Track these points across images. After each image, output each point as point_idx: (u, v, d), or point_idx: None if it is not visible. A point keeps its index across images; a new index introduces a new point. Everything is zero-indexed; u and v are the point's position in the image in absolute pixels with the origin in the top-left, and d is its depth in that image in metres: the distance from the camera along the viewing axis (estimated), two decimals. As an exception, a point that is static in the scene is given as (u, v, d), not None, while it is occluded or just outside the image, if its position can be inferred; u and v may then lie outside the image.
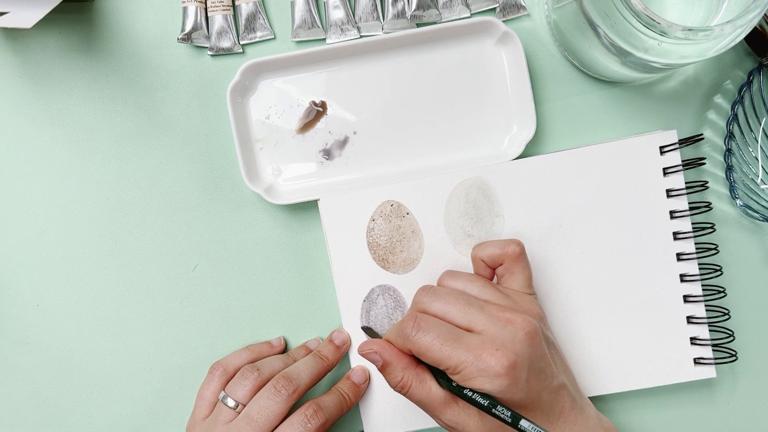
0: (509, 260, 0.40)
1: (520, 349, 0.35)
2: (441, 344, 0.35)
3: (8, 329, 0.47)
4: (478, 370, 0.34)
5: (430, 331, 0.36)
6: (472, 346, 0.35)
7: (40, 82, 0.46)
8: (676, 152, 0.44)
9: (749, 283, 0.47)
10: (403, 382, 0.37)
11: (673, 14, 0.40)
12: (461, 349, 0.35)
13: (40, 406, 0.47)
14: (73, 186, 0.46)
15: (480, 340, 0.35)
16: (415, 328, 0.36)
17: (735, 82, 0.46)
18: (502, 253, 0.40)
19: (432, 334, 0.36)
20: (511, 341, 0.35)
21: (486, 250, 0.41)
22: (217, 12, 0.45)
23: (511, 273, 0.40)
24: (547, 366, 0.37)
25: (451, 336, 0.36)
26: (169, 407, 0.47)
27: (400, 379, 0.37)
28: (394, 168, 0.46)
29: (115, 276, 0.47)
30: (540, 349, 0.36)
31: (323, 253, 0.47)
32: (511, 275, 0.40)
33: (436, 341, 0.35)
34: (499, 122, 0.45)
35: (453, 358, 0.35)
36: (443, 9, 0.45)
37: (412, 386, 0.37)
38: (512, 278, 0.40)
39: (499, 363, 0.34)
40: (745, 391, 0.48)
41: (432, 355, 0.35)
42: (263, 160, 0.46)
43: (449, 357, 0.35)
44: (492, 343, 0.35)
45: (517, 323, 0.36)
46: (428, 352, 0.36)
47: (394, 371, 0.37)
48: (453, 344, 0.35)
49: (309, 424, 0.39)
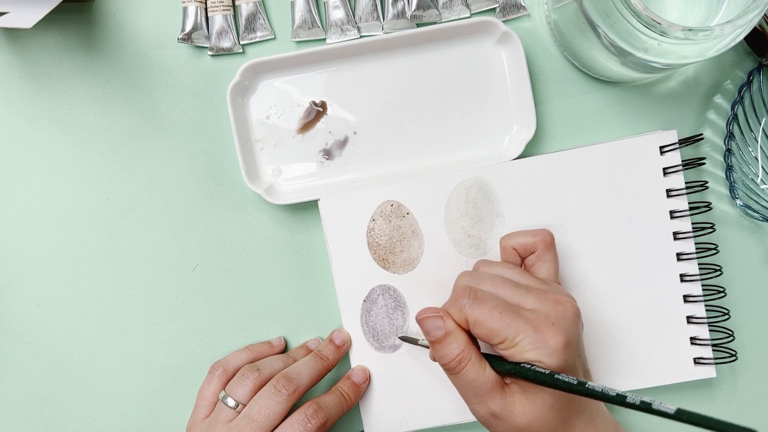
0: (542, 248, 0.40)
1: (572, 328, 0.35)
2: (500, 313, 0.35)
3: (8, 329, 0.47)
4: (536, 342, 0.34)
5: (487, 301, 0.36)
6: (530, 319, 0.35)
7: (40, 82, 0.46)
8: (676, 152, 0.44)
9: (749, 283, 0.47)
10: (462, 356, 0.36)
11: (673, 14, 0.40)
12: (520, 320, 0.35)
13: (40, 406, 0.47)
14: (73, 186, 0.46)
15: (535, 315, 0.35)
16: (472, 298, 0.36)
17: (735, 82, 0.46)
18: (534, 241, 0.40)
19: (490, 304, 0.36)
20: (563, 319, 0.35)
21: (518, 239, 0.41)
22: (217, 12, 0.45)
23: (543, 261, 0.40)
24: (583, 350, 0.38)
25: (508, 307, 0.36)
26: (169, 407, 0.47)
27: (459, 353, 0.36)
28: (394, 168, 0.46)
29: (115, 276, 0.47)
30: (581, 332, 0.37)
31: (323, 253, 0.47)
32: (542, 263, 0.40)
33: (495, 310, 0.35)
34: (499, 122, 0.46)
35: (512, 328, 0.35)
36: (443, 9, 0.45)
37: (470, 362, 0.36)
38: (543, 266, 0.40)
39: (556, 338, 0.34)
40: (745, 391, 0.48)
41: (491, 324, 0.35)
42: (263, 160, 0.46)
43: (508, 327, 0.35)
44: (547, 318, 0.35)
45: (565, 304, 0.36)
46: (487, 321, 0.35)
47: (455, 342, 0.36)
48: (512, 315, 0.35)
49: (309, 424, 0.39)
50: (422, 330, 0.38)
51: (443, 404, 0.45)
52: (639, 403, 0.29)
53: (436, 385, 0.44)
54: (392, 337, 0.45)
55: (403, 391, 0.45)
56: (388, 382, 0.45)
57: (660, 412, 0.28)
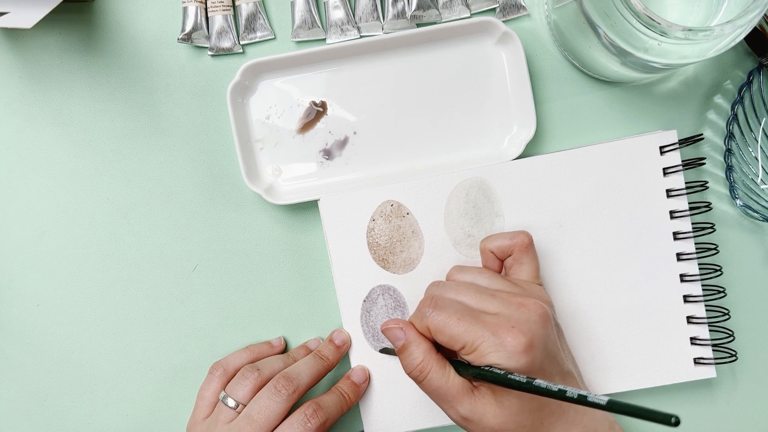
0: (518, 250, 0.41)
1: (535, 329, 0.35)
2: (458, 319, 0.36)
3: (8, 329, 0.47)
4: (495, 345, 0.34)
5: (447, 308, 0.37)
6: (489, 323, 0.35)
7: (40, 82, 0.46)
8: (676, 152, 0.44)
9: (749, 283, 0.47)
10: (423, 364, 0.37)
11: (673, 14, 0.40)
12: (478, 325, 0.35)
13: (40, 406, 0.47)
14: (73, 186, 0.46)
15: (496, 319, 0.36)
16: (432, 306, 0.37)
17: (735, 82, 0.46)
18: (511, 244, 0.41)
19: (449, 310, 0.36)
20: (525, 321, 0.35)
21: (495, 242, 0.41)
22: (217, 12, 0.45)
23: (520, 263, 0.41)
24: (558, 352, 0.37)
25: (467, 313, 0.36)
26: (169, 407, 0.47)
27: (420, 361, 0.37)
28: (394, 168, 0.46)
29: (115, 276, 0.47)
30: (552, 333, 0.37)
31: (323, 253, 0.47)
32: (519, 266, 0.41)
33: (453, 316, 0.36)
34: (499, 122, 0.46)
35: (470, 333, 0.35)
36: (443, 9, 0.45)
37: (431, 371, 0.37)
38: (521, 269, 0.41)
39: (516, 340, 0.34)
40: (745, 391, 0.48)
41: (449, 330, 0.36)
42: (263, 160, 0.46)
43: (466, 332, 0.35)
44: (507, 322, 0.35)
45: (530, 306, 0.36)
46: (445, 328, 0.36)
47: (416, 352, 0.37)
48: (470, 320, 0.35)
49: (309, 424, 0.39)
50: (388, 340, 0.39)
51: (443, 404, 0.45)
52: (576, 396, 0.31)
53: (436, 385, 0.44)
54: (392, 337, 0.45)
55: (403, 391, 0.45)
56: (388, 382, 0.45)
57: (594, 404, 0.30)
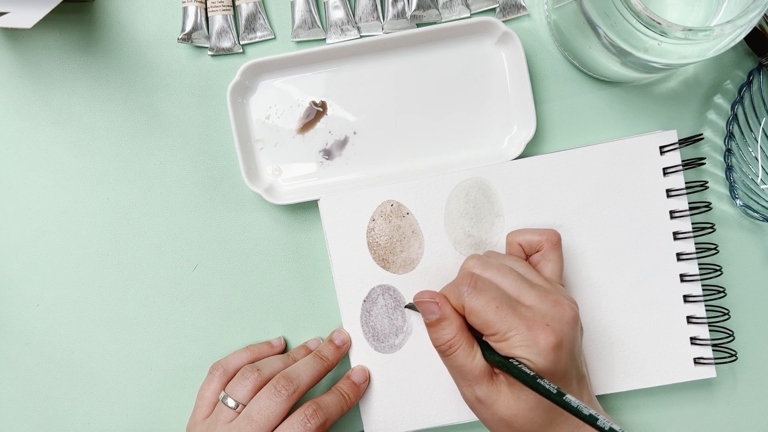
0: (548, 247, 0.40)
1: (567, 331, 0.35)
2: (497, 307, 0.35)
3: (8, 329, 0.47)
4: (527, 340, 0.34)
5: (486, 292, 0.36)
6: (525, 317, 0.35)
7: (40, 82, 0.46)
8: (676, 152, 0.44)
9: (749, 283, 0.47)
10: (453, 340, 0.37)
11: (673, 14, 0.40)
12: (515, 316, 0.35)
13: (40, 406, 0.47)
14: (73, 186, 0.46)
15: (531, 313, 0.36)
16: (472, 286, 0.37)
17: (735, 82, 0.46)
18: (540, 240, 0.41)
19: (488, 295, 0.36)
20: (559, 321, 0.35)
21: (525, 236, 0.41)
22: (217, 12, 0.45)
23: (547, 260, 0.41)
24: (579, 354, 0.38)
25: (506, 302, 0.36)
26: (169, 407, 0.47)
27: (451, 338, 0.37)
28: (394, 168, 0.46)
29: (115, 276, 0.47)
30: (578, 336, 0.37)
31: (323, 253, 0.47)
32: (546, 263, 0.41)
33: (492, 303, 0.36)
34: (499, 122, 0.45)
35: (505, 323, 0.35)
36: (443, 9, 0.45)
37: (460, 348, 0.37)
38: (547, 266, 0.40)
39: (548, 339, 0.34)
40: (745, 391, 0.48)
41: (486, 316, 0.35)
42: (263, 160, 0.46)
43: (502, 321, 0.35)
44: (543, 318, 0.35)
45: (564, 306, 0.36)
46: (482, 312, 0.36)
47: (448, 328, 0.37)
48: (508, 310, 0.35)
49: (309, 424, 0.39)
50: (419, 310, 0.39)
51: (443, 404, 0.45)
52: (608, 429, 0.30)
53: (436, 386, 0.44)
54: (392, 337, 0.45)
55: (403, 391, 0.45)
56: (388, 382, 0.45)
57: None
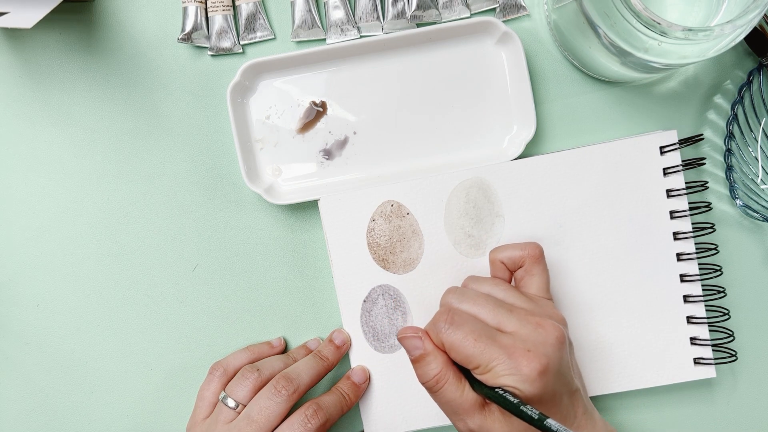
0: (530, 262, 0.40)
1: (551, 353, 0.35)
2: (474, 340, 0.35)
3: (8, 329, 0.47)
4: (510, 368, 0.34)
5: (463, 326, 0.36)
6: (505, 345, 0.35)
7: (40, 82, 0.46)
8: (676, 152, 0.44)
9: (749, 283, 0.47)
10: (440, 376, 0.36)
11: (673, 14, 0.40)
12: (494, 346, 0.35)
13: (40, 406, 0.47)
14: (73, 186, 0.46)
15: (512, 340, 0.35)
16: (449, 322, 0.36)
17: (735, 82, 0.46)
18: (522, 255, 0.40)
19: (465, 329, 0.36)
20: (542, 345, 0.35)
21: (506, 252, 0.41)
22: (217, 12, 0.45)
23: (531, 276, 0.40)
24: (568, 371, 0.37)
25: (484, 333, 0.35)
26: (169, 407, 0.47)
27: (437, 373, 0.36)
28: (394, 168, 0.46)
29: (115, 276, 0.47)
30: (566, 355, 0.36)
31: (323, 253, 0.47)
32: (530, 278, 0.40)
33: (469, 336, 0.35)
34: (499, 122, 0.45)
35: (485, 354, 0.35)
36: (443, 9, 0.45)
37: (447, 383, 0.36)
38: (531, 281, 0.40)
39: (531, 365, 0.34)
40: (745, 391, 0.48)
41: (465, 350, 0.35)
42: (263, 160, 0.46)
43: (482, 353, 0.35)
44: (524, 344, 0.35)
45: (547, 328, 0.36)
46: (461, 347, 0.35)
47: (434, 362, 0.37)
48: (486, 341, 0.35)
49: (309, 424, 0.39)
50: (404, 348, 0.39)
51: (443, 404, 0.45)
52: None
53: (436, 385, 0.44)
54: (392, 337, 0.45)
55: (403, 391, 0.45)
56: (388, 382, 0.45)
57: None
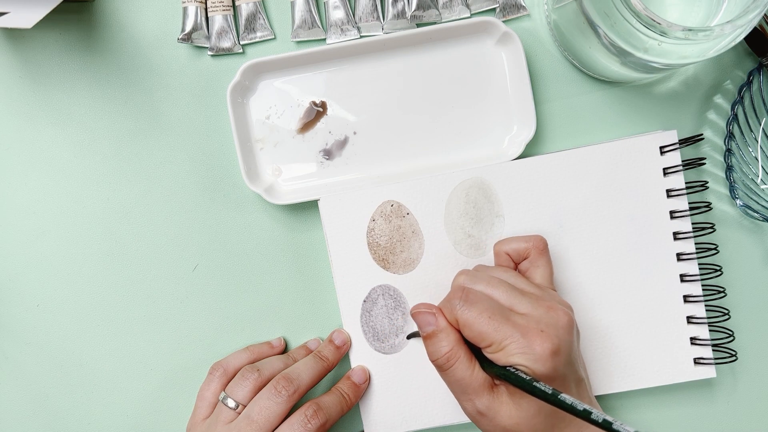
0: (535, 254, 0.41)
1: (563, 336, 0.35)
2: (489, 317, 0.35)
3: (8, 329, 0.47)
4: (523, 347, 0.34)
5: (478, 303, 0.36)
6: (519, 324, 0.35)
7: (40, 82, 0.46)
8: (676, 152, 0.44)
9: (749, 283, 0.47)
10: (451, 353, 0.37)
11: (673, 14, 0.40)
12: (508, 325, 0.35)
13: (40, 406, 0.47)
14: (73, 186, 0.46)
15: (525, 320, 0.36)
16: (464, 300, 0.37)
17: (735, 82, 0.46)
18: (527, 247, 0.41)
19: (480, 306, 0.36)
20: (554, 326, 0.35)
21: (511, 244, 0.41)
22: (217, 12, 0.45)
23: (536, 267, 0.41)
24: (577, 358, 0.37)
25: (498, 311, 0.36)
26: (169, 407, 0.47)
27: (448, 350, 0.37)
28: (394, 168, 0.46)
29: (115, 276, 0.47)
30: (575, 340, 0.37)
31: (323, 253, 0.47)
32: (535, 269, 0.41)
33: (484, 314, 0.36)
34: (499, 122, 0.45)
35: (499, 332, 0.35)
36: (443, 9, 0.45)
37: (458, 361, 0.37)
38: (536, 272, 0.41)
39: (543, 345, 0.34)
40: (745, 391, 0.48)
41: (479, 327, 0.35)
42: (263, 160, 0.46)
43: (496, 330, 0.35)
44: (537, 324, 0.35)
45: (558, 311, 0.36)
46: (475, 324, 0.36)
47: (445, 340, 0.37)
48: (501, 319, 0.35)
49: (309, 425, 0.39)
50: (416, 324, 0.39)
51: (443, 404, 0.45)
52: (601, 421, 0.30)
53: (436, 385, 0.44)
54: (392, 337, 0.45)
55: (403, 391, 0.45)
56: (388, 382, 0.45)
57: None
